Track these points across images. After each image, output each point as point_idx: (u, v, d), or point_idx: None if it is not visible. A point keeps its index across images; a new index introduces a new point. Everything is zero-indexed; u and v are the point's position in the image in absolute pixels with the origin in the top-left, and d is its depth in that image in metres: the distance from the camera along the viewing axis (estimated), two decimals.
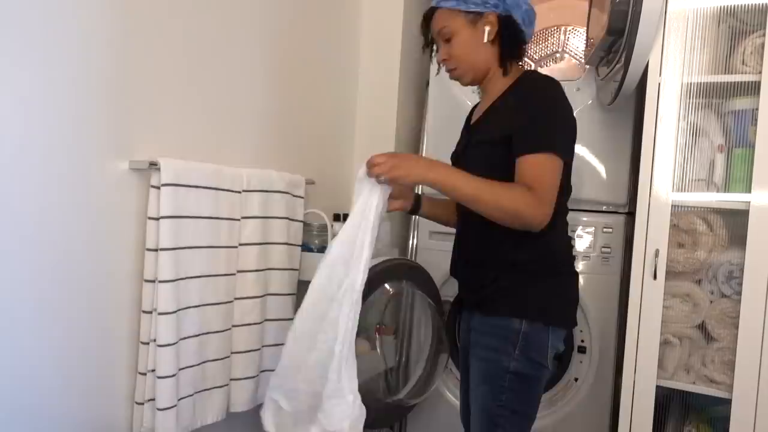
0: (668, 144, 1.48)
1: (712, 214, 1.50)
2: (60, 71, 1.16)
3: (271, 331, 1.66)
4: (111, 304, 1.32)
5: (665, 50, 1.48)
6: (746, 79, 1.43)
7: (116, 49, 1.27)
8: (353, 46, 2.23)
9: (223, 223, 1.49)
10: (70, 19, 1.17)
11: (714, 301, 1.50)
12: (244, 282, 1.57)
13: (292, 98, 1.88)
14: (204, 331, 1.45)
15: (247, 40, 1.67)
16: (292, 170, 1.76)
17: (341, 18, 2.15)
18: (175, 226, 1.34)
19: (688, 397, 1.58)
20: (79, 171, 1.22)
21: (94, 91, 1.23)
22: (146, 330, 1.35)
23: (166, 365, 1.32)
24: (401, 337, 1.89)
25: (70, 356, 1.24)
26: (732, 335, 1.45)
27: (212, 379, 1.49)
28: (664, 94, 1.48)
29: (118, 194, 1.30)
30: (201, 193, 1.41)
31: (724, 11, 1.48)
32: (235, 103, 1.64)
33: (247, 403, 1.59)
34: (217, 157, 1.54)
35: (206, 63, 1.52)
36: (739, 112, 1.47)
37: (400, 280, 1.85)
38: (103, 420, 1.32)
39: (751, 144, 1.43)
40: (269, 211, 1.62)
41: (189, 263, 1.39)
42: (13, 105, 1.08)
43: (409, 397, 1.84)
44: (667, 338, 1.53)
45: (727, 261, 1.48)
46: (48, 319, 1.19)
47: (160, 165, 1.31)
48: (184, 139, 1.47)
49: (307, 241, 1.79)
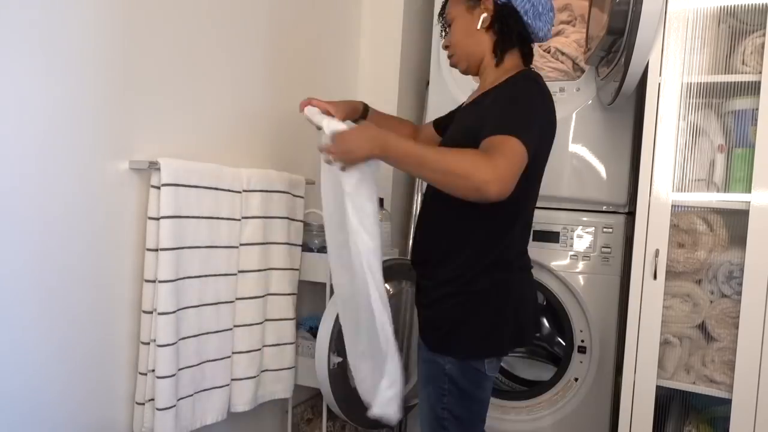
0: (668, 144, 1.48)
1: (712, 214, 1.50)
2: (60, 71, 1.16)
3: (271, 331, 1.66)
4: (111, 304, 1.32)
5: (665, 50, 1.48)
6: (746, 79, 1.43)
7: (116, 50, 1.27)
8: (353, 46, 2.23)
9: (224, 223, 1.49)
10: (70, 20, 1.17)
11: (714, 301, 1.50)
12: (245, 282, 1.57)
13: (293, 98, 1.88)
14: (204, 331, 1.45)
15: (248, 40, 1.67)
16: (292, 170, 1.76)
17: (341, 18, 2.15)
18: (175, 226, 1.34)
19: (688, 397, 1.58)
20: (79, 171, 1.22)
21: (94, 91, 1.23)
22: (146, 330, 1.35)
23: (166, 365, 1.32)
24: (401, 337, 1.89)
25: (71, 356, 1.24)
26: (732, 335, 1.45)
27: (212, 379, 1.49)
28: (664, 94, 1.48)
29: (118, 194, 1.30)
30: (201, 193, 1.41)
31: (724, 11, 1.48)
32: (236, 103, 1.64)
33: (248, 404, 1.59)
34: (217, 157, 1.54)
35: (206, 63, 1.52)
36: (739, 112, 1.47)
37: (400, 280, 1.85)
38: (103, 420, 1.32)
39: (751, 144, 1.43)
40: (269, 211, 1.62)
41: (189, 263, 1.39)
42: (13, 105, 1.08)
43: (410, 396, 1.83)
44: (667, 338, 1.52)
45: (727, 261, 1.47)
46: (48, 318, 1.19)
47: (160, 165, 1.31)
48: (184, 139, 1.47)
49: (307, 241, 1.79)
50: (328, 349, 1.58)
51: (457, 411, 1.24)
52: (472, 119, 1.23)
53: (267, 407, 1.77)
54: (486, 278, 1.21)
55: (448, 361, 1.22)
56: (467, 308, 1.22)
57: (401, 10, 2.21)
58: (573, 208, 1.88)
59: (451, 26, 1.28)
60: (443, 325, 1.23)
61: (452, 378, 1.22)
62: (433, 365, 1.25)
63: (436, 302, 1.26)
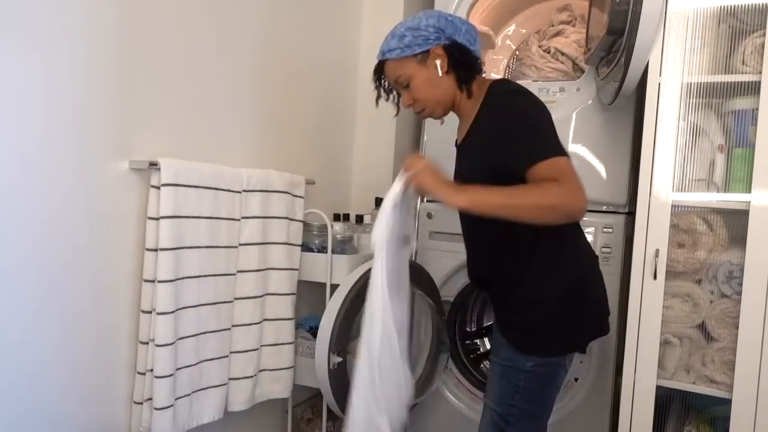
0: (668, 144, 1.48)
1: (712, 214, 1.50)
2: (60, 71, 1.16)
3: (270, 331, 1.66)
4: (111, 304, 1.32)
5: (665, 50, 1.48)
6: (746, 79, 1.43)
7: (116, 50, 1.27)
8: (354, 46, 2.23)
9: (223, 223, 1.49)
10: (71, 20, 1.17)
11: (714, 301, 1.50)
12: (244, 282, 1.57)
13: (293, 98, 1.88)
14: (202, 330, 1.45)
15: (248, 41, 1.67)
16: (292, 170, 1.76)
17: (342, 18, 2.15)
18: (175, 226, 1.34)
19: (688, 397, 1.58)
20: (79, 171, 1.22)
21: (94, 91, 1.23)
22: (145, 330, 1.35)
23: (164, 365, 1.32)
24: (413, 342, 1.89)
25: (70, 355, 1.24)
26: (732, 335, 1.45)
27: (209, 379, 1.49)
28: (664, 94, 1.48)
29: (118, 194, 1.30)
30: (201, 193, 1.41)
31: (724, 11, 1.48)
32: (235, 103, 1.64)
33: (245, 403, 1.59)
34: (217, 157, 1.54)
35: (206, 63, 1.52)
36: (739, 112, 1.47)
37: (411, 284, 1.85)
38: (101, 419, 1.33)
39: (751, 144, 1.43)
40: (269, 211, 1.62)
41: (189, 263, 1.39)
42: (13, 105, 1.08)
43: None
44: (667, 338, 1.52)
45: (727, 261, 1.47)
46: (47, 318, 1.19)
47: (160, 165, 1.31)
48: (184, 139, 1.47)
49: (306, 241, 1.79)
50: (328, 349, 1.58)
51: (527, 406, 1.28)
52: (479, 154, 1.27)
53: (267, 407, 1.77)
54: (564, 283, 1.25)
55: (532, 359, 1.25)
56: (555, 312, 1.26)
57: (401, 10, 2.21)
58: None
59: (409, 86, 1.29)
60: (529, 329, 1.27)
61: (530, 375, 1.26)
62: (511, 363, 1.28)
63: (520, 309, 1.28)
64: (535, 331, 1.26)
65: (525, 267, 1.25)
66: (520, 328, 1.28)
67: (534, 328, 1.26)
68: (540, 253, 1.24)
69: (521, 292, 1.26)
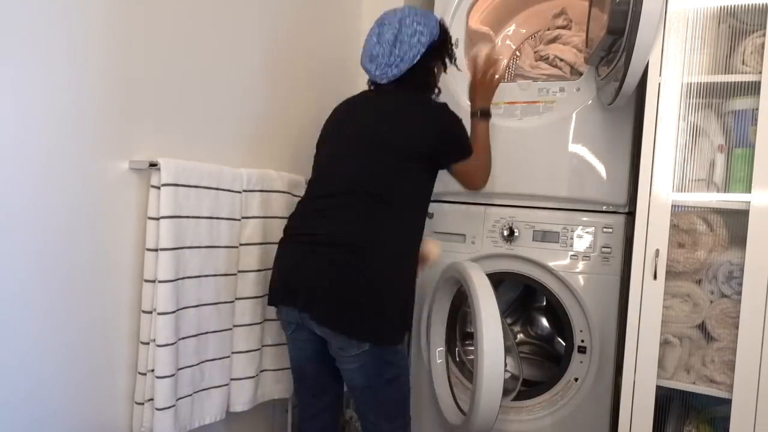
0: (668, 144, 1.48)
1: (712, 214, 1.50)
2: (60, 71, 1.16)
3: (271, 331, 1.66)
4: (111, 304, 1.32)
5: (665, 50, 1.48)
6: (746, 79, 1.43)
7: (116, 49, 1.27)
8: (353, 46, 2.23)
9: (223, 223, 1.49)
10: (70, 19, 1.17)
11: (714, 301, 1.50)
12: (245, 282, 1.57)
13: (292, 98, 1.88)
14: (203, 330, 1.45)
15: (247, 40, 1.67)
16: (292, 170, 1.76)
17: (341, 18, 2.15)
18: (175, 226, 1.35)
19: (688, 397, 1.58)
20: (79, 171, 1.22)
21: (94, 91, 1.23)
22: (146, 330, 1.35)
23: (165, 365, 1.32)
24: None
25: (71, 356, 1.24)
26: (732, 335, 1.45)
27: (211, 379, 1.49)
28: (664, 94, 1.48)
29: (118, 194, 1.30)
30: (201, 193, 1.41)
31: (724, 11, 1.48)
32: (235, 103, 1.64)
33: (247, 403, 1.59)
34: (217, 157, 1.55)
35: (206, 63, 1.52)
36: (739, 112, 1.47)
37: None
38: (102, 419, 1.33)
39: (751, 144, 1.43)
40: (269, 210, 1.63)
41: (189, 263, 1.39)
42: (12, 105, 1.08)
43: None
44: (667, 338, 1.52)
45: (727, 261, 1.47)
46: (48, 319, 1.19)
47: (160, 165, 1.31)
48: (184, 139, 1.47)
49: None
50: None
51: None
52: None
53: (267, 407, 1.77)
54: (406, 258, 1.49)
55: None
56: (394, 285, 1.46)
57: None
58: (573, 208, 1.88)
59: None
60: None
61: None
62: None
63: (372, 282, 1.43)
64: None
65: None
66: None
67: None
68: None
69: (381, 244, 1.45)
